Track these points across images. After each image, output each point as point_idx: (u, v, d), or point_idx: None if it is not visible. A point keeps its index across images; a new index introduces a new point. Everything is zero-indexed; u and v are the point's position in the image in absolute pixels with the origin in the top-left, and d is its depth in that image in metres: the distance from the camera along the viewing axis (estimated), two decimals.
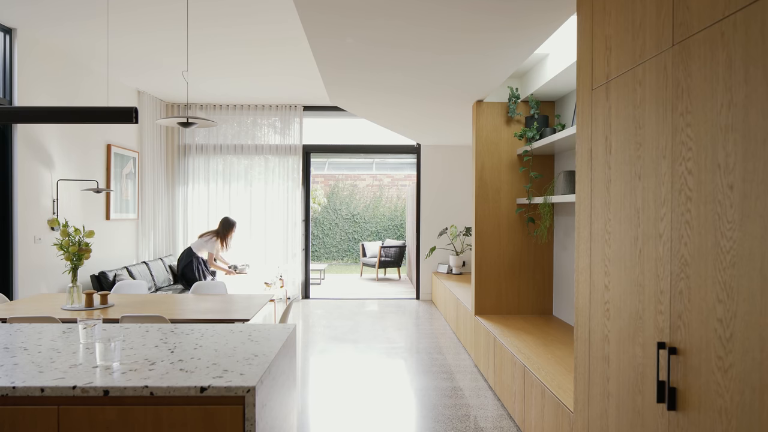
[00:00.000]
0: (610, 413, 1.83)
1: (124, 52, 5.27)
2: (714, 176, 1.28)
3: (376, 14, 2.78)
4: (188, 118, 4.05)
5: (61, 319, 3.10)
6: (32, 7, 4.20)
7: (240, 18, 4.36)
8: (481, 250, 4.44)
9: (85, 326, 1.99)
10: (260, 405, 1.60)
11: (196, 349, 1.94)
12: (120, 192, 6.42)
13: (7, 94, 4.60)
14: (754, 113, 1.16)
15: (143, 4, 4.08)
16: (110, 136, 6.21)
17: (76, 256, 3.46)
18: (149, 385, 1.53)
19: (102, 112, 3.39)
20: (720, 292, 1.26)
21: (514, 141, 4.45)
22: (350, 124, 8.12)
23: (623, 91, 1.73)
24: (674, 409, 1.44)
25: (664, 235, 1.49)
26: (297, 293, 7.82)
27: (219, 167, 7.73)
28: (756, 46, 1.15)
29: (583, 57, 2.05)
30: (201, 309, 3.61)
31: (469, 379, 4.16)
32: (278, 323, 2.50)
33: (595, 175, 1.95)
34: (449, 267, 7.48)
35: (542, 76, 3.91)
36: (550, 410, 2.65)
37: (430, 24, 2.89)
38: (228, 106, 7.65)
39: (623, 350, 1.73)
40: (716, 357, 1.27)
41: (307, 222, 8.02)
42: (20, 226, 4.67)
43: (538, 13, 2.65)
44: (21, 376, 1.61)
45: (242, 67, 5.84)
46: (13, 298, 4.63)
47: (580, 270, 2.07)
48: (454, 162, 7.82)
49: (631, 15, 1.68)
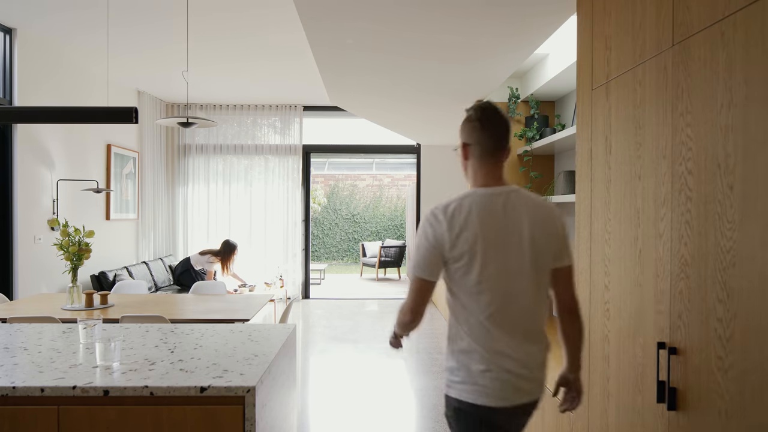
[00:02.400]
0: (610, 413, 1.83)
1: (124, 52, 5.27)
2: (714, 176, 1.28)
3: (377, 21, 2.79)
4: (188, 118, 4.05)
5: (61, 319, 3.10)
6: (32, 7, 4.20)
7: (240, 18, 4.36)
8: None
9: (85, 326, 1.99)
10: (260, 405, 1.60)
11: (196, 349, 1.94)
12: (120, 192, 6.42)
13: (7, 94, 4.60)
14: (754, 113, 1.16)
15: (143, 4, 4.08)
16: (110, 136, 6.21)
17: (76, 256, 3.46)
18: (149, 385, 1.53)
19: (102, 112, 3.39)
20: (720, 292, 1.26)
21: (514, 141, 4.45)
22: (350, 124, 8.12)
23: (623, 91, 1.73)
24: (674, 409, 1.44)
25: (664, 235, 1.49)
26: (297, 293, 7.82)
27: (219, 167, 7.73)
28: (756, 46, 1.15)
29: (583, 57, 2.05)
30: (201, 309, 3.61)
31: None
32: (278, 323, 2.50)
33: (595, 175, 1.95)
34: None
35: (542, 76, 3.91)
36: (550, 410, 2.65)
37: (431, 31, 2.89)
38: (228, 106, 7.65)
39: (623, 350, 1.73)
40: (716, 357, 1.27)
41: (307, 222, 8.02)
42: (20, 226, 4.67)
43: (536, 18, 2.66)
44: (21, 376, 1.61)
45: (242, 67, 5.84)
46: (13, 298, 4.62)
47: (580, 270, 2.07)
48: (454, 162, 7.81)
49: (631, 15, 1.68)
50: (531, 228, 1.51)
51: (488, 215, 1.50)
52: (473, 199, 1.52)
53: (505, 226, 1.50)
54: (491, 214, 1.50)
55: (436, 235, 1.49)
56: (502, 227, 1.50)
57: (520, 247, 1.50)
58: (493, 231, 1.49)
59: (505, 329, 1.48)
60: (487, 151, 1.58)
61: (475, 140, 1.59)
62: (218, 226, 7.72)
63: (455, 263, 1.49)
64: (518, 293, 1.50)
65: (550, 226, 1.54)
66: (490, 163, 1.59)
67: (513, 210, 1.52)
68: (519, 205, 1.53)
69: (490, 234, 1.48)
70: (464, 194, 1.55)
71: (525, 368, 1.49)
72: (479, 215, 1.49)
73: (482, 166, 1.59)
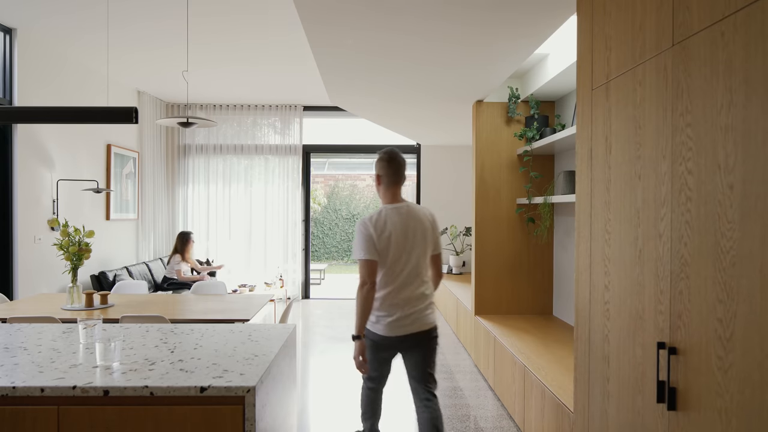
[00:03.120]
0: (610, 413, 1.83)
1: (124, 52, 5.27)
2: (714, 176, 1.28)
3: (377, 27, 2.79)
4: (188, 118, 4.05)
5: (61, 319, 3.10)
6: (32, 7, 4.20)
7: (240, 18, 4.36)
8: (481, 250, 4.44)
9: (85, 326, 1.99)
10: (260, 405, 1.60)
11: (196, 349, 1.94)
12: (120, 192, 6.42)
13: (7, 94, 4.60)
14: (754, 113, 1.16)
15: (143, 4, 4.08)
16: (110, 136, 6.21)
17: (76, 256, 3.46)
18: (149, 385, 1.53)
19: (102, 112, 3.39)
20: (720, 292, 1.26)
21: (514, 141, 4.45)
22: (350, 124, 8.12)
23: (623, 91, 1.73)
24: (674, 409, 1.44)
25: (664, 235, 1.49)
26: (297, 293, 7.82)
27: (219, 167, 7.73)
28: (756, 46, 1.15)
29: (583, 57, 2.05)
30: (201, 309, 3.61)
31: (469, 379, 4.16)
32: (278, 323, 2.50)
33: (595, 175, 1.95)
34: (449, 267, 7.48)
35: (542, 76, 3.91)
36: (550, 410, 2.65)
37: (431, 32, 2.89)
38: (228, 106, 7.65)
39: (623, 350, 1.73)
40: (716, 357, 1.27)
41: (307, 222, 8.02)
42: (20, 226, 4.67)
43: (536, 17, 2.65)
44: (21, 376, 1.61)
45: (242, 67, 5.84)
46: (13, 298, 4.63)
47: (580, 270, 2.07)
48: (454, 162, 7.82)
49: (631, 15, 1.68)
50: (421, 228, 2.50)
51: (396, 221, 2.46)
52: (386, 212, 2.48)
53: (406, 227, 2.47)
54: (397, 220, 2.46)
55: (368, 233, 2.42)
56: (403, 228, 2.46)
57: (414, 240, 2.48)
58: (400, 230, 2.45)
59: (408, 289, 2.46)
60: (392, 180, 2.54)
61: (384, 173, 2.53)
62: (218, 226, 7.72)
63: (381, 249, 2.43)
64: (415, 267, 2.48)
65: (429, 227, 2.54)
66: (393, 188, 2.55)
67: (408, 217, 2.48)
68: (412, 214, 2.51)
69: (398, 232, 2.45)
70: (380, 209, 2.51)
71: (417, 312, 2.48)
72: (391, 221, 2.45)
73: (388, 190, 2.55)
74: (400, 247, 2.44)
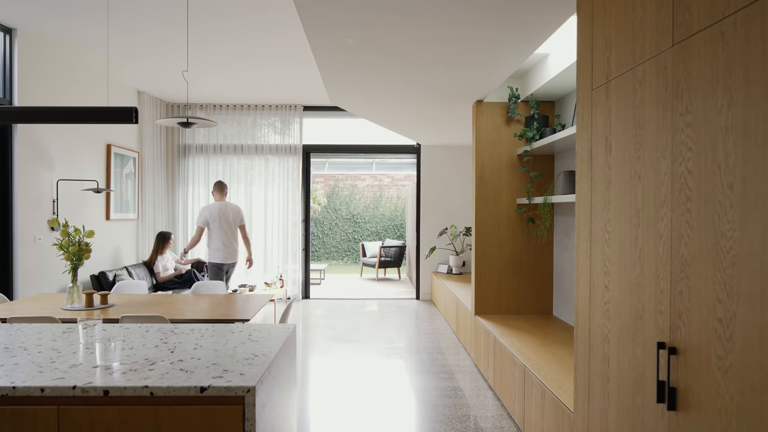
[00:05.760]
0: (610, 413, 1.83)
1: (124, 52, 5.27)
2: (714, 176, 1.28)
3: (377, 27, 2.78)
4: (188, 118, 4.05)
5: (61, 319, 3.10)
6: (32, 7, 4.20)
7: (240, 18, 4.36)
8: (481, 250, 4.45)
9: (85, 326, 1.99)
10: (260, 405, 1.60)
11: (196, 349, 1.94)
12: (120, 192, 6.42)
13: (7, 94, 4.60)
14: (754, 113, 1.16)
15: (143, 4, 4.08)
16: (110, 136, 6.21)
17: (76, 256, 3.46)
18: (149, 385, 1.53)
19: (102, 112, 3.39)
20: (720, 292, 1.26)
21: (514, 141, 4.45)
22: (350, 124, 8.12)
23: (623, 91, 1.73)
24: (674, 409, 1.44)
25: (664, 235, 1.49)
26: (297, 293, 7.82)
27: (219, 167, 7.73)
28: (756, 46, 1.15)
29: (583, 57, 2.05)
30: (201, 309, 3.61)
31: (469, 379, 4.16)
32: (278, 323, 2.50)
33: (595, 175, 1.95)
34: (449, 267, 7.48)
35: (542, 76, 3.91)
36: (550, 410, 2.65)
37: (431, 32, 2.89)
38: (228, 106, 7.65)
39: (623, 350, 1.73)
40: (716, 357, 1.27)
41: (307, 222, 8.02)
42: (20, 226, 4.67)
43: (536, 17, 2.65)
44: (21, 376, 1.61)
45: (242, 67, 5.84)
46: (13, 298, 4.63)
47: (580, 270, 2.07)
48: (454, 162, 7.82)
49: (631, 15, 1.68)
50: (232, 212, 5.78)
51: (218, 209, 5.70)
52: (213, 204, 5.71)
53: (225, 212, 5.71)
54: (219, 208, 5.71)
55: (204, 214, 5.68)
56: (224, 212, 5.69)
57: (228, 219, 5.72)
58: (221, 213, 5.67)
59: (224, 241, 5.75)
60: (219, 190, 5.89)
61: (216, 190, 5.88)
62: None
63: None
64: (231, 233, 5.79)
65: (237, 211, 5.84)
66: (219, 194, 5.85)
67: (227, 207, 5.76)
68: (229, 206, 5.77)
69: (219, 214, 5.68)
70: (212, 203, 5.69)
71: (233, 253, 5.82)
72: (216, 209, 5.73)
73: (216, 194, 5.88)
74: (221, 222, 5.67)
